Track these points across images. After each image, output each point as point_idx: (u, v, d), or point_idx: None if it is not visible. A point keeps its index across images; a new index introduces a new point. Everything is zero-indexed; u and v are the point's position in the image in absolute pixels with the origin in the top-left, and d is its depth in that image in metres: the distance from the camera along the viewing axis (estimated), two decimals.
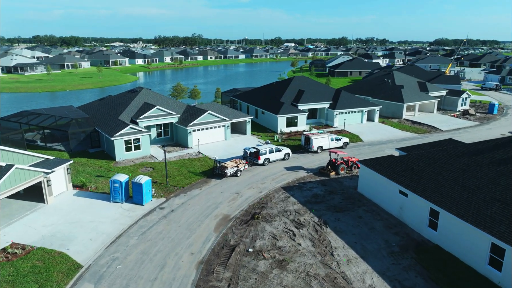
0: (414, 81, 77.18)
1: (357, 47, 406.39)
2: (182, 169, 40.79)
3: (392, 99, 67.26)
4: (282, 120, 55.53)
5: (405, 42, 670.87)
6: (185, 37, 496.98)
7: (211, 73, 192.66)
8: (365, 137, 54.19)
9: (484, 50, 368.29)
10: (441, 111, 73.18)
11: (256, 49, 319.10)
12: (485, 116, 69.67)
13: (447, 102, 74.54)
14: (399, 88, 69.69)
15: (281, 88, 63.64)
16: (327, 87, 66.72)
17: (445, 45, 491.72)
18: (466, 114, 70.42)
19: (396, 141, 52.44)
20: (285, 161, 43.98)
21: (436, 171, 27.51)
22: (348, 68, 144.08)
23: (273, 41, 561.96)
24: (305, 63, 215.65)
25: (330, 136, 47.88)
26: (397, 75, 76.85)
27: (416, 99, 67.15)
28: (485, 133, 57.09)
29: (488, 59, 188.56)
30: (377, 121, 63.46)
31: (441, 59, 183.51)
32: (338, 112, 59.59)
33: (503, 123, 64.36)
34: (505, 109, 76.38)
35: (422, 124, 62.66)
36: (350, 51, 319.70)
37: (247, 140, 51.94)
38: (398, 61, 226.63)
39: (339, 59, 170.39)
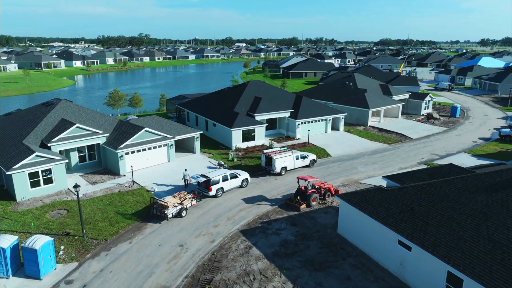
0: (376, 84, 72.42)
1: (307, 47, 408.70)
2: (109, 209, 30.91)
3: (356, 104, 61.49)
4: (237, 134, 47.10)
5: (352, 42, 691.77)
6: (132, 37, 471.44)
7: (158, 75, 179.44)
8: (333, 151, 47.34)
9: (425, 50, 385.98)
10: (405, 115, 68.90)
11: (207, 50, 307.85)
12: (449, 120, 66.27)
13: (410, 105, 70.50)
14: (362, 92, 64.16)
15: (235, 95, 55.18)
16: (286, 92, 59.34)
17: (389, 45, 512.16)
18: (431, 118, 66.64)
19: (368, 155, 46.13)
20: (243, 189, 35.60)
21: (447, 214, 20.56)
22: (303, 69, 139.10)
23: (224, 41, 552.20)
24: (258, 63, 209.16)
25: (295, 153, 40.25)
26: (358, 78, 71.59)
27: (381, 104, 61.95)
28: (457, 140, 52.78)
29: (433, 59, 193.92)
30: (342, 129, 57.16)
31: (391, 59, 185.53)
32: (301, 122, 52.33)
33: (469, 127, 60.97)
34: (465, 112, 73.97)
35: (389, 131, 57.34)
36: (301, 51, 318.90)
37: (196, 161, 42.88)
38: (350, 61, 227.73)
39: (292, 59, 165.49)
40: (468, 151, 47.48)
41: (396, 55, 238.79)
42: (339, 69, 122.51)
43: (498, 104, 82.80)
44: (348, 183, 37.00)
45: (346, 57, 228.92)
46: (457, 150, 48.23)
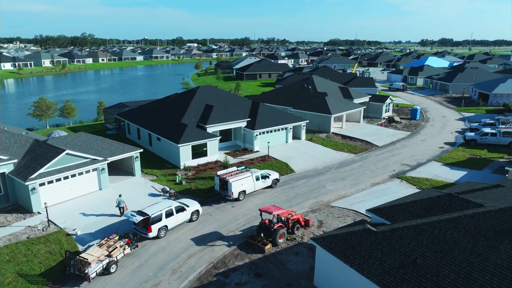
0: (335, 86, 68.53)
1: (260, 47, 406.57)
2: (7, 269, 22.75)
3: (317, 109, 56.82)
4: (185, 151, 40.08)
5: (303, 42, 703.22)
6: (74, 37, 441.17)
7: (103, 78, 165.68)
8: (296, 165, 41.91)
9: (373, 50, 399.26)
10: (366, 119, 65.59)
11: (156, 50, 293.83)
12: (410, 123, 63.88)
13: (371, 109, 67.41)
14: (322, 96, 59.69)
15: (182, 103, 48.01)
16: (241, 99, 53.11)
17: (339, 45, 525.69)
18: (392, 122, 63.86)
19: (335, 168, 41.25)
20: (193, 224, 28.87)
21: (463, 271, 15.43)
22: (257, 70, 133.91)
23: (175, 41, 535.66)
24: (210, 64, 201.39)
25: (255, 173, 34.17)
26: (317, 80, 67.22)
27: (342, 109, 57.82)
28: (423, 146, 49.73)
29: (383, 58, 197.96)
30: (304, 138, 52.10)
31: (343, 59, 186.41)
32: (259, 132, 46.40)
33: (432, 131, 58.67)
34: (424, 113, 72.43)
35: (354, 138, 53.21)
36: (254, 52, 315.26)
37: (136, 186, 35.36)
38: (303, 61, 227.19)
39: (246, 60, 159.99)
40: (437, 159, 44.28)
41: (347, 55, 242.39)
42: (295, 70, 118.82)
43: (451, 104, 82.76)
44: (318, 207, 31.59)
45: (299, 57, 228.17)
46: (427, 158, 44.91)
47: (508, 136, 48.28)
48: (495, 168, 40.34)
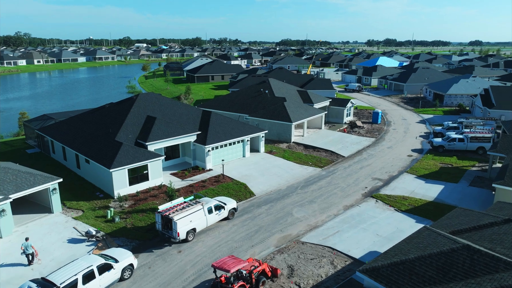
0: (294, 90, 63.57)
1: (212, 47, 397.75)
2: None
3: (276, 117, 51.30)
4: (120, 177, 32.51)
5: (255, 42, 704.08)
6: (6, 36, 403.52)
7: (38, 82, 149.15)
8: (256, 185, 35.91)
9: (323, 49, 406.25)
10: (327, 125, 61.28)
11: (101, 51, 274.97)
12: (372, 127, 60.55)
13: (332, 113, 63.28)
14: (281, 101, 54.30)
15: (118, 115, 40.14)
16: (190, 108, 46.04)
17: (291, 45, 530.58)
18: (355, 127, 60.12)
19: (301, 187, 35.78)
20: (124, 284, 21.75)
21: None
22: (209, 72, 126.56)
23: (122, 41, 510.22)
24: (159, 66, 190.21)
25: (207, 204, 27.63)
26: (274, 84, 61.77)
27: (303, 115, 52.80)
28: (391, 155, 45.98)
29: (335, 58, 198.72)
30: (263, 150, 46.30)
31: (297, 59, 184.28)
32: (211, 147, 39.79)
33: (396, 136, 55.52)
34: (384, 116, 69.80)
35: (317, 148, 48.32)
36: (206, 52, 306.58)
37: (52, 229, 27.33)
38: (256, 62, 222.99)
39: (197, 61, 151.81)
40: (409, 170, 40.43)
41: (299, 55, 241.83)
42: (249, 72, 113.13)
43: (408, 105, 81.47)
44: (287, 246, 25.73)
45: (252, 58, 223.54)
46: (398, 169, 40.95)
47: (476, 142, 45.85)
48: (471, 180, 37.10)
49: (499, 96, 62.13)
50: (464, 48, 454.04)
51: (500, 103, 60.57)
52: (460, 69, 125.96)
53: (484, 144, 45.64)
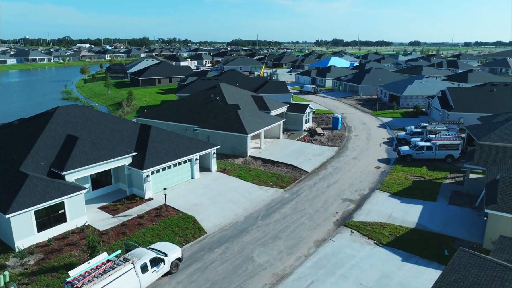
0: (248, 96, 57.59)
1: (161, 47, 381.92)
2: None
3: (230, 128, 44.99)
4: (23, 223, 24.38)
5: (206, 43, 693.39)
6: None
7: None
8: (207, 218, 29.36)
9: (274, 50, 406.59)
10: (285, 133, 56.06)
11: (35, 51, 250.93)
12: (333, 134, 56.31)
13: (290, 120, 58.18)
14: (234, 109, 48.08)
15: (29, 135, 31.55)
16: (124, 122, 38.15)
17: (242, 45, 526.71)
18: (315, 135, 55.47)
19: (261, 218, 29.79)
20: None
21: None
22: (155, 74, 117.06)
23: (61, 41, 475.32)
24: (101, 68, 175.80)
25: (141, 259, 20.63)
26: (225, 89, 55.32)
27: (260, 124, 46.97)
28: (358, 168, 41.55)
29: (288, 59, 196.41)
30: (215, 169, 39.76)
31: (249, 60, 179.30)
32: (150, 171, 32.54)
33: (359, 144, 51.59)
34: (344, 121, 66.16)
35: (276, 163, 42.72)
36: (154, 53, 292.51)
37: None
38: (207, 63, 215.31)
39: (142, 63, 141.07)
40: (380, 186, 36.04)
41: (251, 56, 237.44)
42: (199, 74, 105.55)
43: (366, 107, 78.99)
44: None
45: (202, 59, 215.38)
46: (368, 186, 36.43)
47: (444, 149, 42.80)
48: (448, 196, 33.38)
49: (457, 98, 60.74)
50: (405, 48, 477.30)
51: (458, 105, 59.07)
52: (409, 69, 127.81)
53: (452, 152, 42.71)
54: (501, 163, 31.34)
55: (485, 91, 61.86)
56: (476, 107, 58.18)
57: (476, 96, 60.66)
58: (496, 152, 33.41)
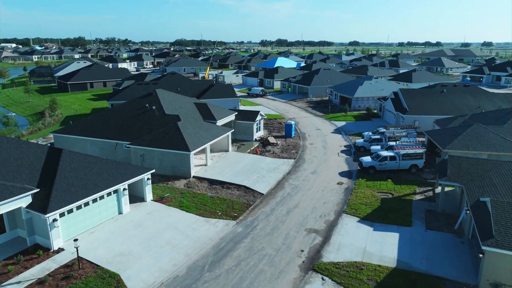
0: (190, 103, 50.45)
1: (97, 48, 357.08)
2: None
3: (168, 144, 37.78)
4: None
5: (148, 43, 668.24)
6: None
7: None
8: (137, 274, 22.22)
9: (220, 50, 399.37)
10: (234, 144, 49.88)
11: None
12: (287, 143, 51.27)
13: (239, 129, 52.09)
14: (173, 121, 40.91)
15: None
16: (24, 145, 29.29)
17: (186, 45, 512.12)
18: (268, 145, 50.00)
19: (208, 266, 23.24)
20: None
21: None
22: (87, 78, 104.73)
23: None
24: (25, 71, 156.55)
25: None
26: (163, 96, 47.68)
27: (205, 138, 40.26)
28: (320, 185, 36.56)
29: (233, 59, 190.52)
30: (150, 198, 32.41)
31: (193, 61, 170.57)
32: (58, 213, 24.52)
33: (316, 154, 46.95)
34: (297, 127, 61.53)
35: (226, 184, 36.36)
36: (89, 53, 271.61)
37: None
38: (148, 64, 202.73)
39: (72, 65, 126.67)
40: (347, 209, 31.19)
41: (195, 56, 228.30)
42: (137, 77, 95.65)
43: (317, 110, 75.37)
44: None
45: (143, 60, 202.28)
46: (333, 209, 31.42)
47: (408, 159, 39.32)
48: (423, 218, 29.32)
49: (410, 100, 58.70)
50: (347, 48, 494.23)
51: (412, 108, 56.94)
52: (355, 69, 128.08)
53: (417, 162, 39.34)
54: (478, 179, 27.82)
55: (436, 92, 60.60)
56: (430, 109, 56.42)
57: (428, 97, 59.09)
58: (469, 164, 30.00)
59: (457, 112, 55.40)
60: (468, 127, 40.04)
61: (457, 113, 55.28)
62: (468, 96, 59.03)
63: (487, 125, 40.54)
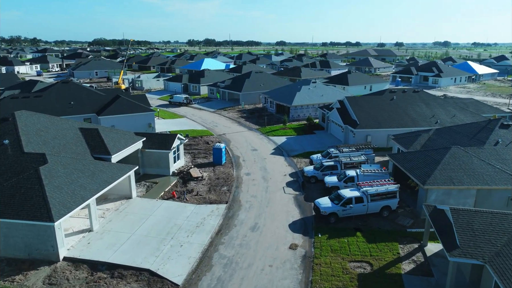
0: (73, 129, 35.08)
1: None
2: None
3: (17, 208, 22.93)
4: None
5: (63, 42, 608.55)
6: None
7: None
8: None
9: (143, 50, 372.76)
10: (142, 184, 35.89)
11: None
12: (216, 175, 38.87)
13: (149, 161, 38.11)
14: (34, 164, 25.95)
15: None
16: None
17: (105, 45, 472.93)
18: (190, 180, 37.00)
19: None
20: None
21: None
22: None
23: None
24: None
25: None
26: (26, 122, 31.81)
27: (87, 190, 25.87)
28: (264, 254, 24.67)
29: (156, 61, 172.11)
30: None
31: (108, 63, 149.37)
32: None
33: (256, 192, 35.19)
34: (228, 148, 49.37)
35: (117, 268, 22.72)
36: None
37: None
38: (55, 66, 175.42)
39: None
40: None
41: (114, 57, 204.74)
42: (24, 86, 74.85)
43: (251, 122, 64.04)
44: None
45: (48, 62, 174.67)
46: None
47: (378, 199, 29.30)
48: None
49: (359, 110, 49.91)
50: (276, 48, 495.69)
51: (363, 120, 48.10)
52: (288, 71, 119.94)
53: (389, 202, 29.49)
54: (506, 249, 18.13)
55: (385, 100, 52.71)
56: (383, 122, 48.05)
57: (379, 107, 50.87)
58: (484, 223, 20.36)
59: (412, 124, 47.80)
60: (445, 151, 31.26)
61: (412, 124, 47.67)
62: (420, 104, 52.02)
63: (464, 147, 32.27)
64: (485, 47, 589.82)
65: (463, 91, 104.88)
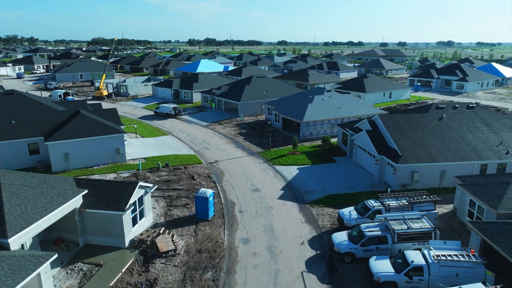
0: None
1: None
2: None
3: None
4: None
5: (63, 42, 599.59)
6: None
7: None
8: None
9: (141, 50, 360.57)
10: (77, 267, 22.65)
11: None
12: (197, 244, 25.69)
13: (94, 226, 24.76)
14: None
15: None
16: None
17: (103, 45, 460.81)
18: (156, 257, 23.65)
19: None
20: None
21: None
22: None
23: None
24: None
25: None
26: None
27: None
28: None
29: (149, 62, 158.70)
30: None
31: (96, 65, 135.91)
32: None
33: (259, 282, 21.82)
34: (221, 186, 36.09)
35: None
36: None
37: None
38: (40, 68, 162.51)
39: None
40: None
41: (106, 58, 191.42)
42: None
43: (252, 143, 50.82)
44: None
45: (33, 63, 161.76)
46: None
47: None
48: None
49: (399, 135, 36.47)
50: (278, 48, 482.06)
51: (406, 150, 34.66)
52: (294, 74, 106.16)
53: None
54: None
55: (432, 120, 39.15)
56: (436, 153, 34.56)
57: (425, 130, 37.38)
58: None
59: (474, 155, 34.41)
60: None
61: (475, 156, 34.30)
62: (480, 125, 38.55)
63: None
64: (489, 47, 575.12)
65: (494, 97, 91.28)
